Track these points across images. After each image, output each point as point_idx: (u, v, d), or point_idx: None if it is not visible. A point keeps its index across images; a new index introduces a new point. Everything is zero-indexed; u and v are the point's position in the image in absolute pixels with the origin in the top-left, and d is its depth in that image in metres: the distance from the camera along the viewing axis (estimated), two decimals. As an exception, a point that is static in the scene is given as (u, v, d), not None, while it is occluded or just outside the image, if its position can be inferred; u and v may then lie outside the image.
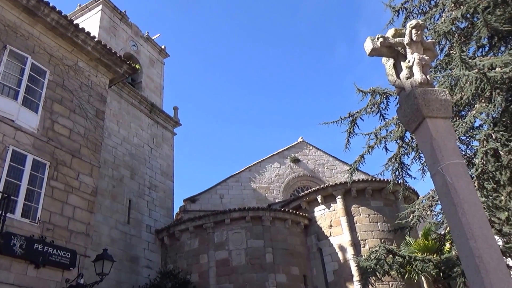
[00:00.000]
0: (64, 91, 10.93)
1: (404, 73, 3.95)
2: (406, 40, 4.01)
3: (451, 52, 9.39)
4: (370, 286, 12.09)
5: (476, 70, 7.66)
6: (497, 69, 7.76)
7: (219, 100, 60.57)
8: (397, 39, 4.07)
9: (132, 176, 16.77)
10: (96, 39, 12.20)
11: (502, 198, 8.19)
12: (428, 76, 3.84)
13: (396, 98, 9.52)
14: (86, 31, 11.88)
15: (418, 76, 3.82)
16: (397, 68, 4.12)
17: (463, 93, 8.36)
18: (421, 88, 3.76)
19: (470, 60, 8.05)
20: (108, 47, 12.57)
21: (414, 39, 3.95)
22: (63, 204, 9.60)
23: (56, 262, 8.78)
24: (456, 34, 9.40)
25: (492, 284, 3.13)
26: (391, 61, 4.15)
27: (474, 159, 8.54)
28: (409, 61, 3.93)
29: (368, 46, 4.11)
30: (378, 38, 4.06)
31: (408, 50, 4.00)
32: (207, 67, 59.80)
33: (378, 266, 9.83)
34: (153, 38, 22.09)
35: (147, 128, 18.85)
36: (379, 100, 10.03)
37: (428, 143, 3.63)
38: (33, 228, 8.75)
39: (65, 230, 9.38)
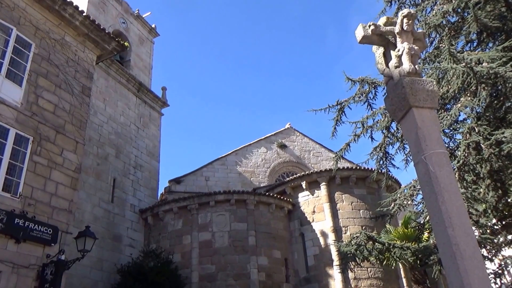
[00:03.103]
0: (49, 65, 10.71)
1: (393, 62, 3.99)
2: (397, 29, 4.03)
3: (440, 45, 9.47)
4: (349, 271, 12.37)
5: (464, 64, 7.76)
6: (484, 64, 7.87)
7: (208, 83, 60.16)
8: (388, 28, 4.10)
9: (117, 155, 16.65)
10: (84, 14, 11.93)
11: (481, 190, 8.39)
12: (416, 66, 3.88)
13: (384, 89, 9.60)
14: (74, 5, 11.60)
15: (406, 65, 3.86)
16: (387, 57, 4.15)
17: (449, 86, 8.48)
18: (409, 77, 3.81)
19: (458, 54, 8.14)
20: (96, 23, 12.31)
21: (405, 28, 3.98)
22: (45, 180, 9.50)
23: (37, 237, 8.72)
24: (446, 28, 9.48)
25: (467, 270, 3.23)
26: (381, 49, 4.18)
27: (456, 151, 8.71)
28: (398, 50, 3.96)
29: (359, 33, 4.13)
30: (369, 26, 4.08)
31: (398, 39, 4.03)
32: (196, 50, 59.18)
33: (358, 251, 10.04)
34: (143, 16, 21.71)
35: (134, 108, 18.66)
36: (368, 89, 10.10)
37: (413, 132, 3.69)
38: (14, 202, 8.65)
39: (47, 206, 9.31)
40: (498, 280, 8.85)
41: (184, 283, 14.31)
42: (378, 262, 11.43)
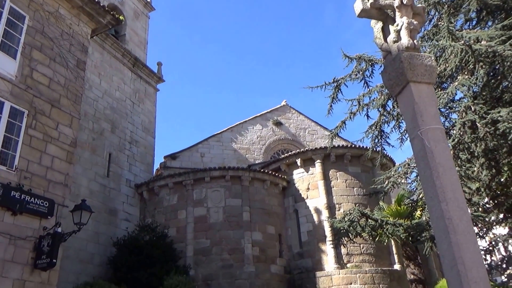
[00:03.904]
0: (44, 38, 10.53)
1: (391, 37, 3.96)
2: (396, 2, 3.99)
3: (439, 23, 9.39)
4: (342, 247, 12.58)
5: (462, 42, 7.72)
6: (482, 42, 7.84)
7: (204, 60, 59.57)
8: (387, 1, 4.04)
9: (113, 130, 16.61)
10: (78, -14, 11.68)
11: (475, 169, 8.48)
12: (415, 41, 3.85)
13: (381, 66, 9.55)
14: (68, -24, 11.35)
15: (405, 40, 3.84)
16: (385, 32, 4.11)
17: (447, 65, 8.45)
18: (408, 52, 3.79)
19: (457, 32, 8.10)
20: (91, -5, 12.06)
21: (405, 2, 3.93)
22: (41, 154, 9.48)
23: (33, 210, 8.77)
24: (446, 5, 9.39)
25: (459, 244, 3.28)
26: (380, 24, 4.14)
27: (452, 130, 8.75)
28: (397, 25, 3.93)
29: (358, 6, 4.08)
30: (368, -1, 4.02)
31: (397, 14, 3.99)
32: (192, 26, 58.31)
33: (351, 227, 10.19)
34: (138, -11, 21.25)
35: (130, 83, 18.50)
36: (365, 67, 10.07)
37: (410, 107, 3.70)
38: (10, 175, 8.66)
39: (43, 179, 9.32)
40: (488, 256, 9.04)
41: (179, 256, 14.52)
42: (370, 238, 11.62)
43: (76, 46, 11.57)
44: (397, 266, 15.24)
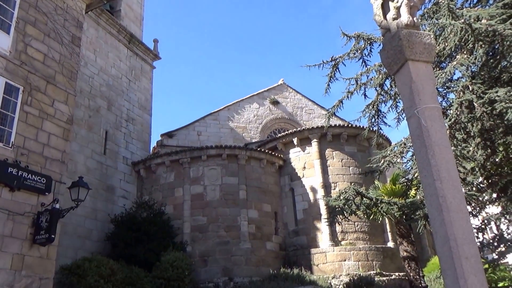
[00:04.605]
0: (37, 12, 10.34)
1: (391, 14, 3.92)
2: (397, -21, 3.93)
3: (440, 1, 9.28)
4: (336, 224, 12.75)
5: (462, 21, 7.65)
6: (483, 21, 7.77)
7: (201, 37, 58.85)
8: (388, -23, 3.99)
9: (109, 107, 16.53)
10: (72, -42, 11.41)
11: (471, 148, 8.53)
12: (415, 19, 3.82)
13: (380, 45, 9.48)
14: None
15: (405, 17, 3.80)
16: (385, 9, 4.07)
17: (446, 44, 8.40)
18: (407, 30, 3.76)
19: (457, 11, 8.01)
20: (85, -32, 11.80)
21: (405, -22, 3.88)
22: (37, 130, 9.45)
23: (31, 186, 8.80)
24: (447, -17, 9.24)
25: (452, 222, 3.34)
26: (379, 0, 4.09)
27: (449, 110, 8.77)
28: (397, 2, 3.88)
29: (358, -17, 4.03)
30: (369, -25, 3.96)
31: (398, -10, 3.94)
32: (189, 3, 57.36)
33: (346, 206, 10.30)
34: (133, -37, 20.77)
35: (126, 60, 18.30)
36: (363, 45, 9.98)
37: (408, 86, 3.69)
38: (6, 152, 8.65)
39: (40, 156, 9.32)
40: (480, 234, 9.19)
41: (176, 233, 14.70)
42: (365, 216, 11.77)
43: (71, 21, 11.38)
44: (390, 244, 15.50)
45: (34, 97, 9.59)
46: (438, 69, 9.05)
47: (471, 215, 9.32)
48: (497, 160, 8.96)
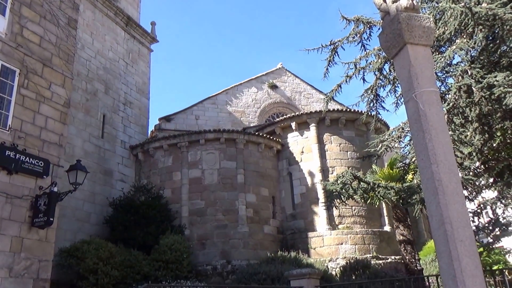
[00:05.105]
0: (33, -6, 10.21)
1: (391, -4, 3.88)
2: (397, -40, 3.87)
3: (440, -16, 9.16)
4: (334, 208, 12.84)
5: (463, 4, 7.57)
6: (483, 4, 7.69)
7: (198, 21, 58.21)
8: (388, -41, 3.93)
9: (107, 91, 16.44)
10: None
11: (468, 133, 8.54)
12: (414, 2, 3.78)
13: (379, 29, 9.40)
14: None
15: (404, 0, 3.76)
16: (385, -9, 4.02)
17: (446, 28, 8.32)
18: (406, 13, 3.72)
19: (458, -6, 7.92)
20: (81, -52, 11.61)
21: (406, -40, 3.82)
22: (34, 114, 9.42)
23: (29, 169, 8.81)
24: (448, -35, 9.12)
25: (448, 205, 3.36)
26: (379, -17, 4.04)
27: (447, 95, 8.74)
28: (397, -16, 3.84)
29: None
30: (369, -43, 3.90)
31: (398, -28, 3.89)
32: (187, -18, 56.55)
33: (343, 190, 10.33)
34: None
35: (123, 43, 18.14)
36: (362, 29, 9.89)
37: (406, 69, 3.67)
38: (4, 135, 8.63)
39: (38, 139, 9.31)
40: (476, 218, 9.26)
41: (174, 217, 14.80)
42: (362, 200, 11.82)
43: (67, 3, 11.24)
44: (387, 228, 15.64)
45: (31, 80, 9.53)
46: (437, 53, 8.99)
47: (467, 200, 9.37)
48: (494, 145, 8.98)
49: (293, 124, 17.13)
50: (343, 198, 10.67)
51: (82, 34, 15.60)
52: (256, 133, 17.06)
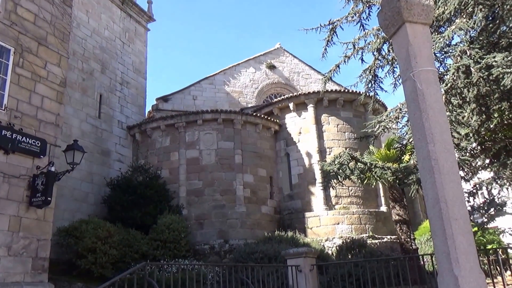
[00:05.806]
0: (26, -30, 10.00)
1: (390, -27, 3.81)
2: None
3: (441, -38, 9.01)
4: (331, 189, 12.92)
5: (463, -18, 7.47)
6: (483, -17, 7.59)
7: (196, 1, 57.30)
8: None
9: (103, 70, 16.29)
10: None
11: (466, 114, 8.53)
12: (414, -21, 3.71)
13: (378, 9, 9.29)
14: None
15: (404, -23, 3.70)
16: (384, -32, 3.95)
17: (446, 7, 8.23)
18: (406, -10, 3.66)
19: (458, -28, 7.80)
20: None
21: None
22: (30, 93, 9.34)
23: (26, 149, 8.79)
24: None
25: (443, 184, 3.38)
26: (379, -41, 3.97)
27: (446, 76, 8.70)
28: (397, -40, 3.76)
29: None
30: None
31: None
32: (184, -40, 55.44)
33: (340, 170, 10.38)
34: None
35: (119, 21, 17.89)
36: (361, 8, 9.79)
37: (404, 48, 3.64)
38: (0, 114, 8.59)
39: (34, 119, 9.26)
40: (471, 199, 9.34)
41: (172, 197, 14.88)
42: (359, 181, 11.90)
43: (61, -20, 11.03)
44: (383, 208, 15.79)
45: (26, 59, 9.42)
46: (437, 33, 8.91)
47: (463, 180, 9.44)
48: (491, 126, 8.99)
49: (291, 105, 17.08)
50: (340, 179, 10.73)
51: (77, 12, 15.37)
52: (254, 114, 17.03)
